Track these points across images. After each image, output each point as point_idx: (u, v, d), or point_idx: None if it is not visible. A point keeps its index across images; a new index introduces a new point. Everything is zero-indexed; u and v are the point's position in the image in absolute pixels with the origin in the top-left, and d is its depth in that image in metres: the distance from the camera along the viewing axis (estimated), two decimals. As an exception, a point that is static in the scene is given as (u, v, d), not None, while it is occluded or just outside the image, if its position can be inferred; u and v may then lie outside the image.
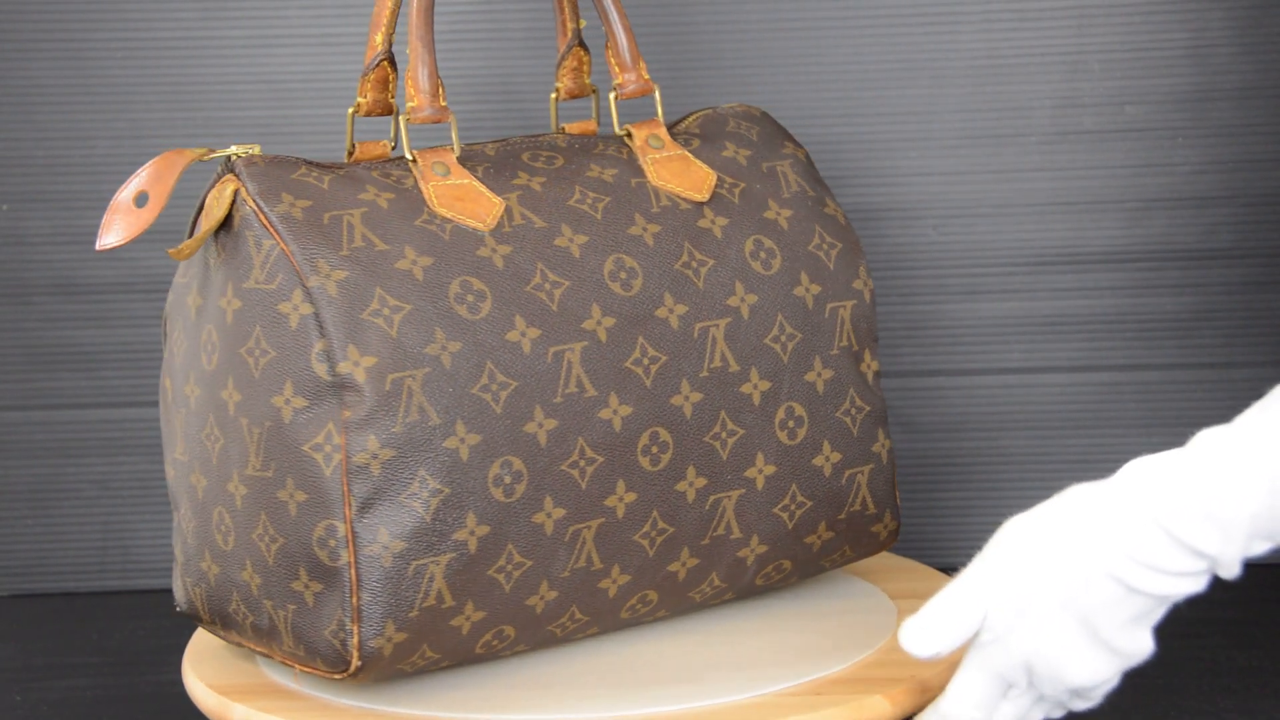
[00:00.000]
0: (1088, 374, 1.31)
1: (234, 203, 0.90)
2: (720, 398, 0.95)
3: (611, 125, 1.01)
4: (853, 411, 1.00)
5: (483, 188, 0.93)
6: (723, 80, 1.29)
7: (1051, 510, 0.82)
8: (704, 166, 0.99)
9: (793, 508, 0.98)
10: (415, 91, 0.94)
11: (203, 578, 0.93)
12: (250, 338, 0.89)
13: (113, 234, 0.90)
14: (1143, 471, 0.80)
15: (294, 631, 0.89)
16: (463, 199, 0.92)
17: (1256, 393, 1.29)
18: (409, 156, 0.94)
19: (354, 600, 0.87)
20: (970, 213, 1.30)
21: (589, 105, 1.05)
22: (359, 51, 1.29)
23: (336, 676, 0.89)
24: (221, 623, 0.94)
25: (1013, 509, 0.85)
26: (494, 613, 0.90)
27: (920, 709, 0.90)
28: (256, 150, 0.92)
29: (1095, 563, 0.80)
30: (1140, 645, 0.81)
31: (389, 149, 0.97)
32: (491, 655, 0.93)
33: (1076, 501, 0.81)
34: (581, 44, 1.02)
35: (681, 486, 0.94)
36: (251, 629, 0.92)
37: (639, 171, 0.98)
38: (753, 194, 1.00)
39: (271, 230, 0.89)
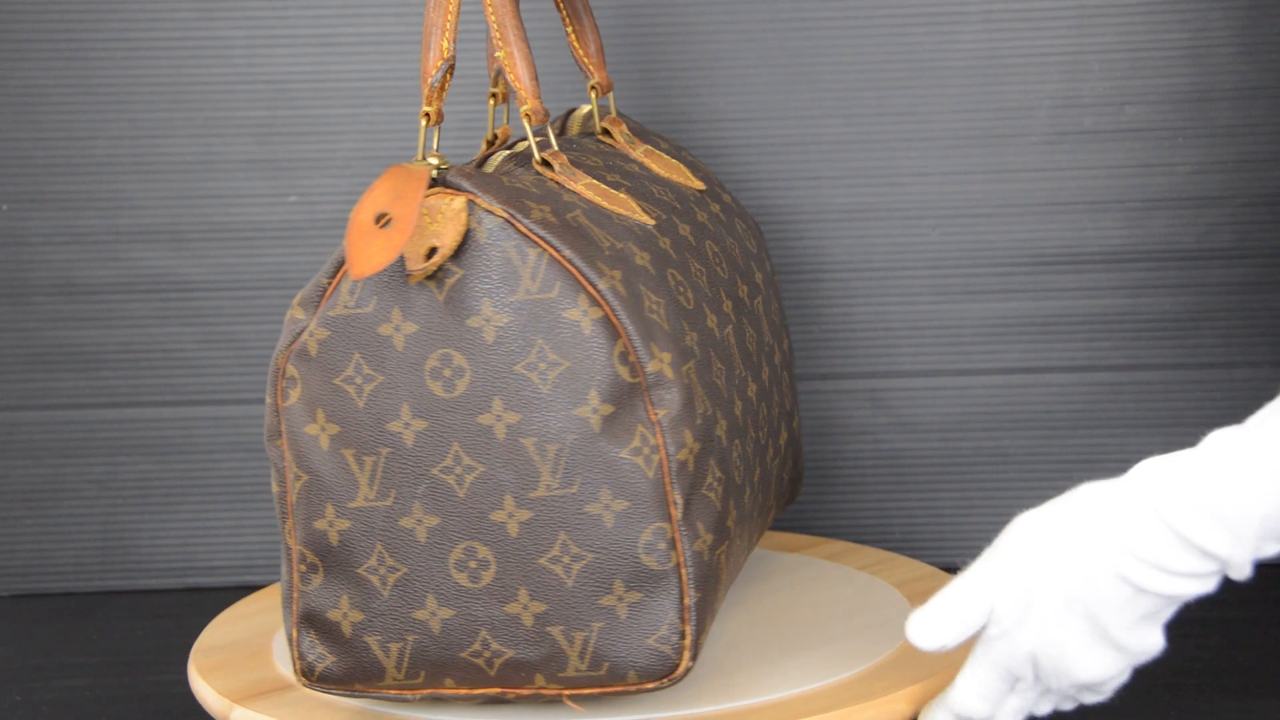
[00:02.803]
0: (1087, 374, 1.31)
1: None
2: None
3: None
4: None
5: (610, 189, 0.92)
6: (723, 80, 1.29)
7: (1061, 508, 0.82)
8: (668, 158, 1.01)
9: None
10: (527, 94, 0.90)
11: (413, 629, 0.87)
12: (530, 352, 0.85)
13: (366, 261, 0.82)
14: (1153, 471, 0.80)
15: (594, 651, 0.86)
16: (608, 199, 0.91)
17: (1256, 392, 1.29)
18: (538, 158, 0.91)
19: (685, 600, 0.86)
20: (970, 213, 1.30)
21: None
22: (359, 51, 1.29)
23: (649, 686, 0.87)
24: (430, 676, 0.88)
25: (1012, 509, 0.85)
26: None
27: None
28: (443, 161, 0.88)
29: (1103, 562, 0.80)
30: (1150, 643, 0.81)
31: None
32: None
33: (1086, 500, 0.81)
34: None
35: None
36: (498, 668, 0.87)
37: (644, 166, 0.99)
38: (712, 180, 1.03)
39: (535, 239, 0.85)
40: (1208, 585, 0.80)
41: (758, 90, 1.29)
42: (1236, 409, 1.30)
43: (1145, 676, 0.85)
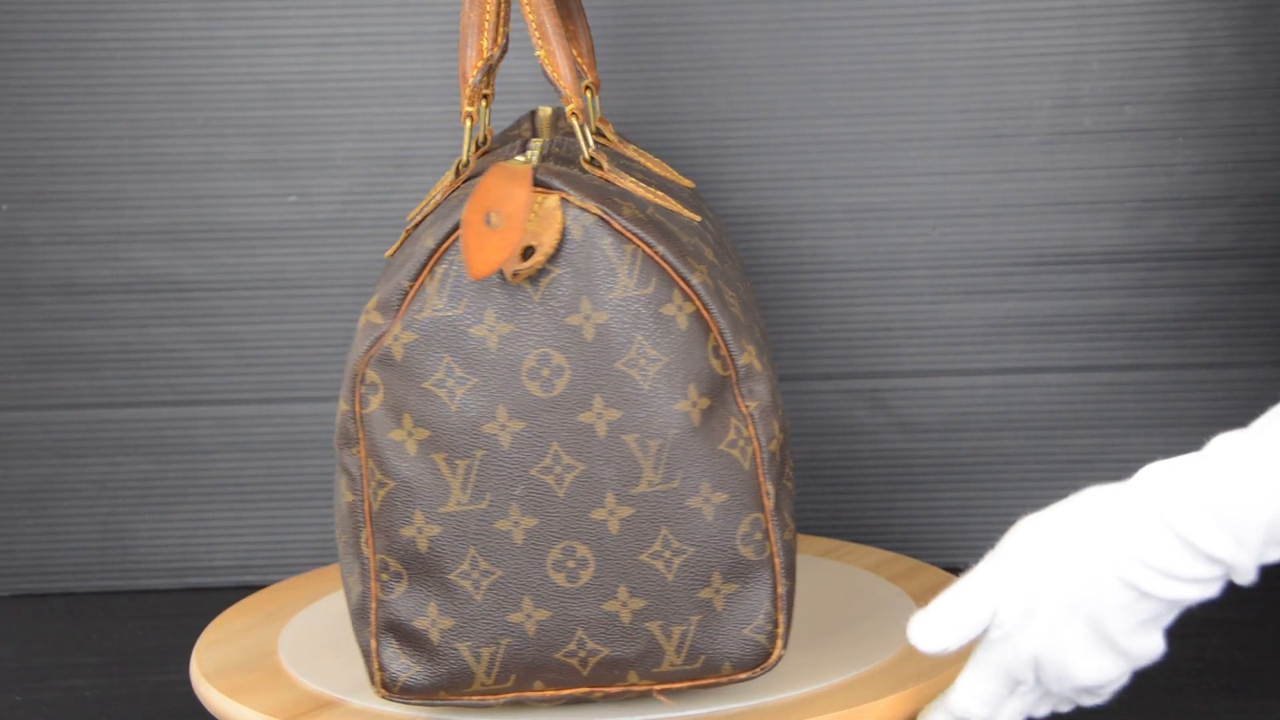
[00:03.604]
0: (1087, 374, 1.31)
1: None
2: None
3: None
4: None
5: (650, 186, 0.92)
6: (723, 80, 1.29)
7: (1065, 511, 0.82)
8: (654, 157, 1.01)
9: None
10: (571, 92, 0.89)
11: (507, 633, 0.86)
12: (629, 348, 0.85)
13: (484, 262, 0.81)
14: (1158, 476, 0.80)
15: (691, 644, 0.87)
16: (656, 196, 0.92)
17: (1256, 392, 1.30)
18: (588, 156, 0.90)
19: (778, 589, 0.87)
20: (970, 213, 1.30)
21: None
22: (359, 51, 1.29)
23: (742, 676, 0.88)
24: (520, 679, 0.88)
25: (1012, 509, 0.85)
26: None
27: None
28: (529, 158, 0.87)
29: (1107, 566, 0.80)
30: (1151, 647, 0.81)
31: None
32: None
33: (1091, 503, 0.81)
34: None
35: None
36: (592, 667, 0.87)
37: (643, 165, 0.99)
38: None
39: (629, 235, 0.85)
40: (1211, 590, 0.80)
41: (758, 90, 1.29)
42: (1236, 409, 1.31)
43: (1144, 677, 0.85)
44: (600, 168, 0.89)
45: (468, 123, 0.90)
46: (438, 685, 0.87)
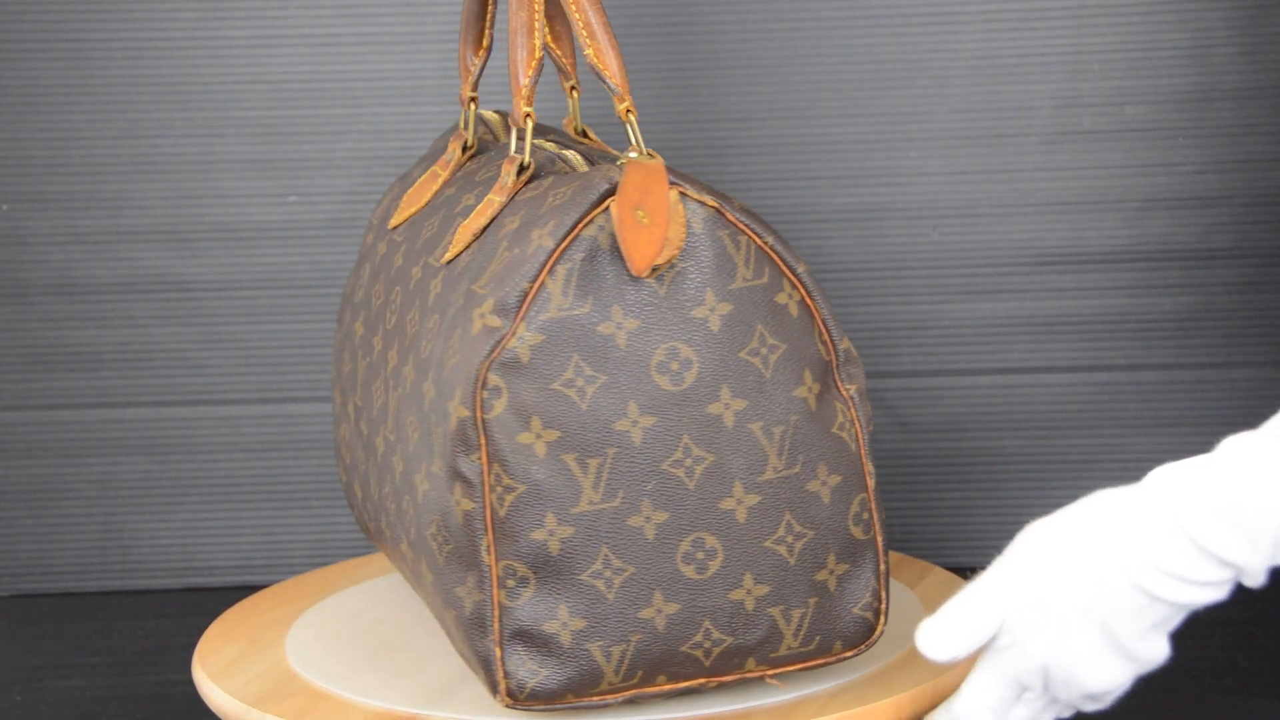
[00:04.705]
0: (1087, 374, 1.31)
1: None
2: None
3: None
4: None
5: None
6: (723, 80, 1.29)
7: (1074, 515, 0.81)
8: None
9: None
10: (624, 90, 0.90)
11: (638, 629, 0.86)
12: (752, 338, 0.86)
13: (643, 257, 0.83)
14: (1169, 479, 0.79)
15: (809, 626, 0.89)
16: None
17: (1256, 392, 1.30)
18: (645, 152, 0.89)
19: (880, 567, 0.90)
20: (970, 213, 1.30)
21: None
22: (359, 51, 1.29)
23: (849, 655, 0.90)
24: (645, 675, 0.87)
25: (1012, 509, 0.85)
26: None
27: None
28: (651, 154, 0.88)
29: (1118, 570, 0.79)
30: (1157, 651, 0.81)
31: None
32: None
33: (1100, 507, 0.81)
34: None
35: None
36: (714, 657, 0.88)
37: None
38: None
39: (742, 227, 0.87)
40: (1221, 593, 0.79)
41: (758, 90, 1.29)
42: (1236, 409, 1.31)
43: (1144, 678, 0.85)
44: None
45: (528, 123, 0.91)
46: (566, 688, 0.86)
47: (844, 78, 1.29)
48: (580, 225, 0.85)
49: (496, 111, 1.05)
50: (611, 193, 0.85)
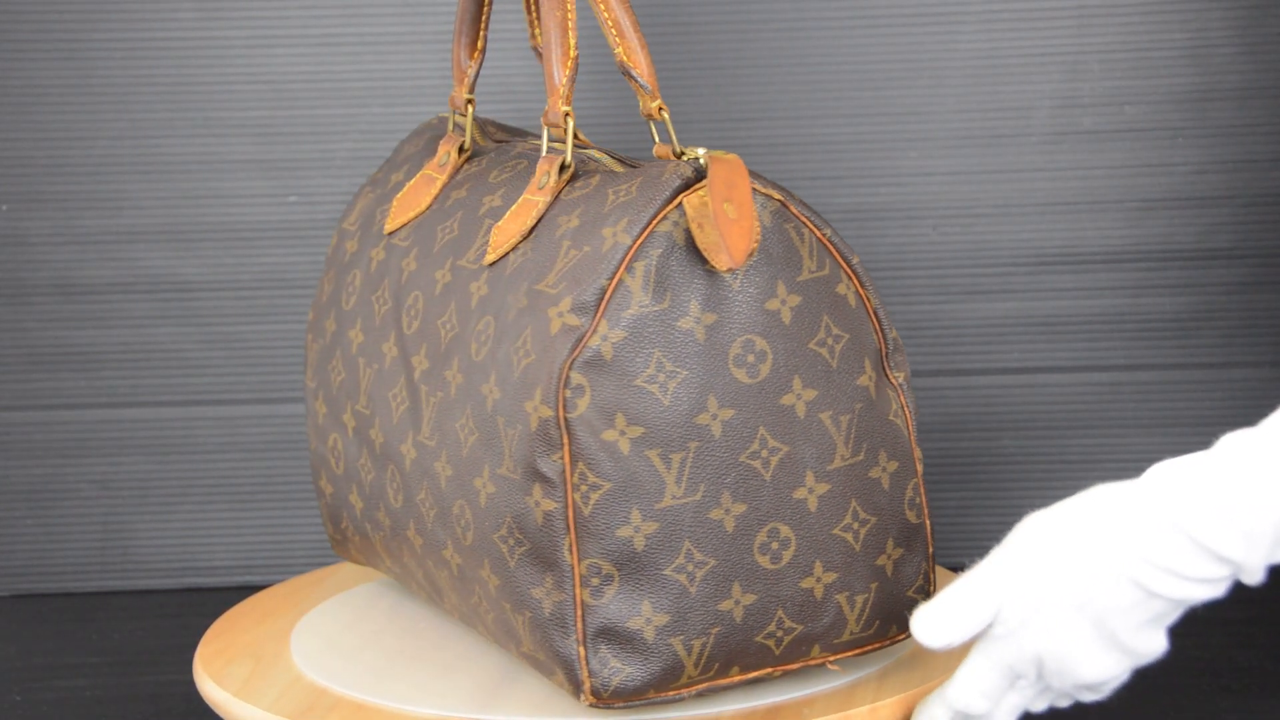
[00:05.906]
0: (1087, 374, 1.31)
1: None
2: None
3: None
4: None
5: None
6: (723, 80, 1.29)
7: (1073, 509, 0.82)
8: None
9: None
10: (655, 88, 0.90)
11: (718, 621, 0.87)
12: (819, 329, 0.88)
13: (739, 250, 0.84)
14: (1167, 475, 0.80)
15: (870, 611, 0.90)
16: None
17: (1256, 392, 1.30)
18: (699, 154, 0.90)
19: (929, 549, 0.93)
20: (970, 213, 1.30)
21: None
22: (359, 51, 1.29)
23: (902, 637, 0.92)
24: (721, 667, 0.88)
25: (1012, 509, 0.85)
26: None
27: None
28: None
29: (1115, 565, 0.80)
30: (1154, 646, 0.81)
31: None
32: None
33: (1098, 501, 0.81)
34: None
35: None
36: (785, 646, 0.89)
37: None
38: None
39: (804, 220, 0.89)
40: (1219, 590, 0.80)
41: (758, 90, 1.29)
42: (1236, 409, 1.31)
43: (1145, 676, 0.85)
44: None
45: (571, 122, 0.91)
46: (649, 685, 0.87)
47: (844, 78, 1.29)
48: (655, 221, 0.86)
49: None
50: (684, 189, 0.86)
